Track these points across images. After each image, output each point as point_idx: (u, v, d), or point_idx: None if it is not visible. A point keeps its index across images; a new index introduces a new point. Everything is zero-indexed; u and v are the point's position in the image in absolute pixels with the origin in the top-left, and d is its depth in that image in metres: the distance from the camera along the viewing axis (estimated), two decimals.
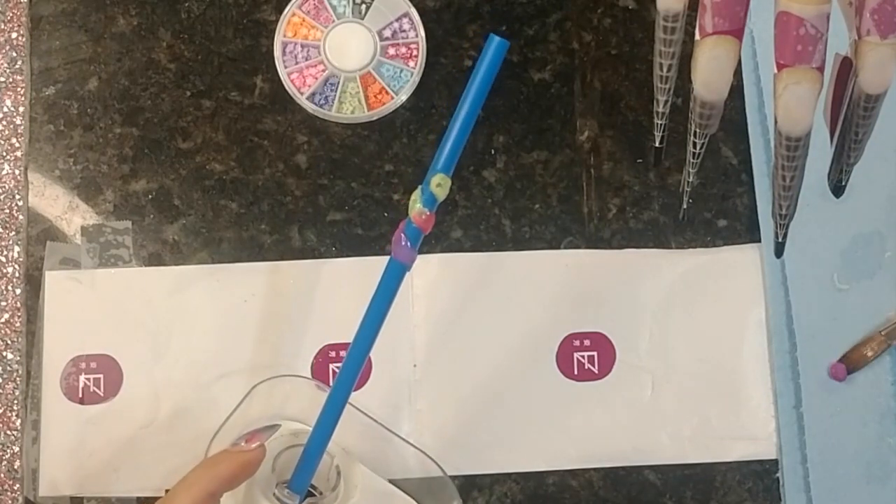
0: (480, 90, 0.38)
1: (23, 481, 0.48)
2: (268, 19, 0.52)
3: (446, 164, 0.38)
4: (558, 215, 0.51)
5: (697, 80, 0.37)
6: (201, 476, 0.38)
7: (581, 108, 0.52)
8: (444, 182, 0.38)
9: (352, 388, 0.41)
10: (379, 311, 0.40)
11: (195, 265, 0.50)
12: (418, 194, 0.39)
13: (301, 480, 0.41)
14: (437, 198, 0.38)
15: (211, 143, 0.51)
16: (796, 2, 0.33)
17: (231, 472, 0.39)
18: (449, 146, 0.38)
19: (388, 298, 0.40)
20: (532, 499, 0.49)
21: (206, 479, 0.38)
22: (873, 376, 0.50)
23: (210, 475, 0.38)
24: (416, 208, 0.38)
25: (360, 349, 0.40)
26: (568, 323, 0.50)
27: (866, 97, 0.36)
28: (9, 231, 0.51)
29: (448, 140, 0.38)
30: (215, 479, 0.38)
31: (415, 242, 0.39)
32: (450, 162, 0.38)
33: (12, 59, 0.52)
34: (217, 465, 0.39)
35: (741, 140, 0.52)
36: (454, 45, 0.53)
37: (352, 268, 0.50)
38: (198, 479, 0.38)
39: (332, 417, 0.40)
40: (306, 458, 0.41)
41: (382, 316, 0.40)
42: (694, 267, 0.51)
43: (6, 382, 0.50)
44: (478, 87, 0.38)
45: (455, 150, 0.38)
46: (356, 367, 0.40)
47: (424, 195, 0.38)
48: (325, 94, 0.51)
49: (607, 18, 0.53)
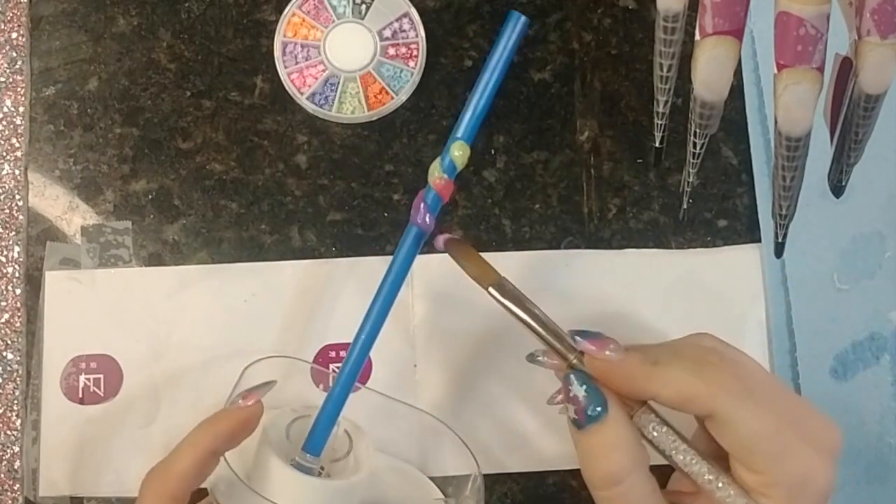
0: (501, 63, 0.40)
1: (23, 481, 0.48)
2: (268, 19, 0.52)
3: (466, 132, 0.40)
4: (558, 215, 0.51)
5: (697, 80, 0.37)
6: (203, 435, 0.39)
7: (581, 108, 0.52)
8: (464, 150, 0.40)
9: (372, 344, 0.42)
10: (398, 277, 0.41)
11: (195, 265, 0.50)
12: (438, 161, 0.40)
13: (316, 444, 0.41)
14: (457, 165, 0.40)
15: (211, 143, 0.51)
16: (796, 2, 0.33)
17: (231, 430, 0.39)
18: (468, 114, 0.40)
19: (406, 264, 0.41)
20: (532, 499, 0.49)
21: (208, 438, 0.39)
22: (873, 376, 0.50)
23: (211, 434, 0.39)
24: (435, 174, 0.40)
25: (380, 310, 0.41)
26: (567, 323, 0.50)
27: (866, 97, 0.36)
28: (9, 231, 0.51)
29: (468, 109, 0.40)
30: (217, 437, 0.39)
31: (434, 209, 0.40)
32: (469, 130, 0.40)
33: (12, 59, 0.52)
34: (217, 424, 0.40)
35: (741, 140, 0.52)
36: (454, 45, 0.53)
37: (352, 268, 0.50)
38: (199, 439, 0.39)
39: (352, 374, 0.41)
40: (321, 420, 0.41)
41: (400, 281, 0.41)
42: (694, 267, 0.51)
43: (6, 382, 0.50)
44: (498, 60, 0.40)
45: (475, 119, 0.40)
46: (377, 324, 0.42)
47: (444, 162, 0.40)
48: (325, 94, 0.51)
49: (607, 18, 0.53)
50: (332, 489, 0.41)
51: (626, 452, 0.33)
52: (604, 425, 0.33)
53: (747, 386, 0.33)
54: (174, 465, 0.39)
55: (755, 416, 0.32)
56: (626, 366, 0.34)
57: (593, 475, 0.34)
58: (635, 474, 0.33)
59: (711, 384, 0.33)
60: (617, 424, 0.34)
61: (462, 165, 0.41)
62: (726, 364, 0.34)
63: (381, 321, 0.42)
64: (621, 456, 0.33)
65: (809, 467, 0.33)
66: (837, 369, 0.50)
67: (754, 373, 0.35)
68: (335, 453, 0.43)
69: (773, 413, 0.33)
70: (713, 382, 0.33)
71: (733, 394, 0.32)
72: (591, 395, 0.34)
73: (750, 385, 0.33)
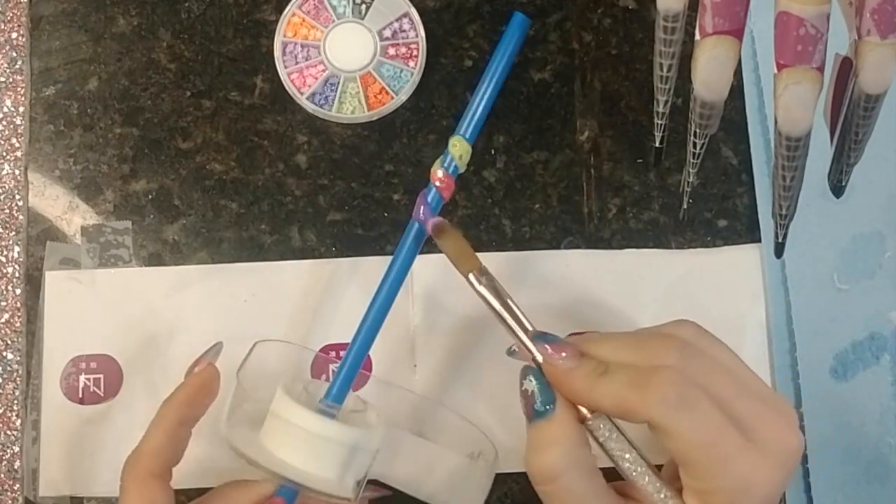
0: (504, 63, 0.42)
1: (23, 481, 0.48)
2: (268, 19, 0.52)
3: (469, 131, 0.42)
4: (558, 215, 0.51)
5: (697, 80, 0.37)
6: (166, 409, 0.41)
7: (581, 108, 0.52)
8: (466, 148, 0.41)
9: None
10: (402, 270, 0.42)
11: (195, 265, 0.50)
12: (440, 160, 0.41)
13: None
14: (458, 163, 0.41)
15: (211, 143, 0.51)
16: (796, 2, 0.33)
17: (190, 396, 0.42)
18: (471, 113, 0.42)
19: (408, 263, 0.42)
20: (532, 499, 0.49)
21: (172, 410, 0.41)
22: (873, 376, 0.50)
23: (174, 406, 0.41)
24: (438, 173, 0.41)
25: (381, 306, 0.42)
26: (568, 323, 0.50)
27: (866, 97, 0.36)
28: (9, 231, 0.51)
29: (470, 107, 0.42)
30: (179, 406, 0.41)
31: (435, 207, 0.41)
32: (472, 129, 0.42)
33: (12, 59, 0.52)
34: (177, 395, 0.42)
35: (741, 140, 0.52)
36: (454, 45, 0.53)
37: (352, 268, 0.50)
38: (164, 413, 0.41)
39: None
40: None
41: (404, 273, 0.42)
42: (694, 267, 0.51)
43: (6, 382, 0.50)
44: (501, 60, 0.42)
45: (477, 118, 0.42)
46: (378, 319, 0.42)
47: (446, 159, 0.41)
48: (325, 94, 0.51)
49: (607, 18, 0.53)
50: (354, 434, 0.40)
51: (565, 451, 0.34)
52: (549, 422, 0.35)
53: (689, 395, 0.33)
54: (145, 444, 0.41)
55: (691, 427, 0.33)
56: (571, 376, 0.35)
57: (531, 468, 0.35)
58: (572, 473, 0.34)
59: (649, 395, 0.33)
60: (561, 423, 0.35)
61: (464, 163, 0.41)
62: (674, 371, 0.33)
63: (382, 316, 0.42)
64: (559, 453, 0.34)
65: (753, 474, 0.33)
66: (837, 369, 0.50)
67: (715, 372, 0.35)
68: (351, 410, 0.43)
69: (713, 422, 0.33)
70: (652, 393, 0.33)
71: (671, 405, 0.33)
72: (540, 391, 0.35)
73: (694, 394, 0.33)
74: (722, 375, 0.35)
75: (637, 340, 0.36)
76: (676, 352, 0.34)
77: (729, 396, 0.34)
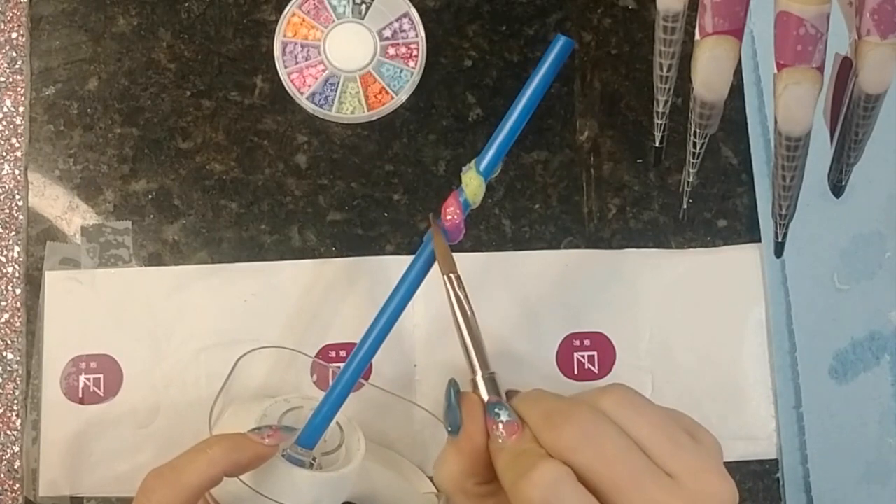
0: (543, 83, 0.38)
1: (23, 481, 0.48)
2: (268, 19, 0.52)
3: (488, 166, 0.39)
4: (558, 215, 0.51)
5: (697, 80, 0.37)
6: (222, 456, 0.39)
7: (581, 108, 0.52)
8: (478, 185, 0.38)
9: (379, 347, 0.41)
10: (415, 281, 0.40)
11: (195, 265, 0.50)
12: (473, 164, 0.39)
13: (309, 438, 0.41)
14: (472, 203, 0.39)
15: (211, 143, 0.51)
16: (796, 2, 0.33)
17: (248, 461, 0.40)
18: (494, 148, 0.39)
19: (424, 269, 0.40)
20: None
21: (226, 461, 0.39)
22: (873, 376, 0.50)
23: (231, 460, 0.40)
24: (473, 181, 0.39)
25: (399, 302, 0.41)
26: (568, 323, 0.50)
27: (866, 97, 0.36)
28: (9, 231, 0.51)
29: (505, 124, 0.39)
30: (235, 464, 0.40)
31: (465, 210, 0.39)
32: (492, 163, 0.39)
33: (12, 59, 0.52)
34: (239, 452, 0.40)
35: (741, 140, 0.52)
36: (454, 45, 0.53)
37: (352, 268, 0.50)
38: (219, 459, 0.39)
39: (355, 374, 0.41)
40: (318, 418, 0.41)
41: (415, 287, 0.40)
42: (694, 267, 0.51)
43: (6, 382, 0.50)
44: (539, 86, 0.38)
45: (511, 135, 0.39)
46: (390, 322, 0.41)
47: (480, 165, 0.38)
48: (325, 94, 0.51)
49: (607, 18, 0.53)
50: (323, 480, 0.41)
51: (456, 473, 0.35)
52: (452, 441, 0.35)
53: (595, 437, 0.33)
54: (187, 476, 0.39)
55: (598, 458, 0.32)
56: (487, 451, 0.35)
57: (434, 473, 0.36)
58: (459, 497, 0.35)
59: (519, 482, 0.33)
60: (457, 450, 0.35)
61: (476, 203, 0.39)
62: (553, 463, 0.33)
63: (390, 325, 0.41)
64: (450, 473, 0.35)
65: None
66: (837, 369, 0.50)
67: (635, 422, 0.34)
68: (327, 446, 0.44)
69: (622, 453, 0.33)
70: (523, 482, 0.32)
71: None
72: (451, 412, 0.36)
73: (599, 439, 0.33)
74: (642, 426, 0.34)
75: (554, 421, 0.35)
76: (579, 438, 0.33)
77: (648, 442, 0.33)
